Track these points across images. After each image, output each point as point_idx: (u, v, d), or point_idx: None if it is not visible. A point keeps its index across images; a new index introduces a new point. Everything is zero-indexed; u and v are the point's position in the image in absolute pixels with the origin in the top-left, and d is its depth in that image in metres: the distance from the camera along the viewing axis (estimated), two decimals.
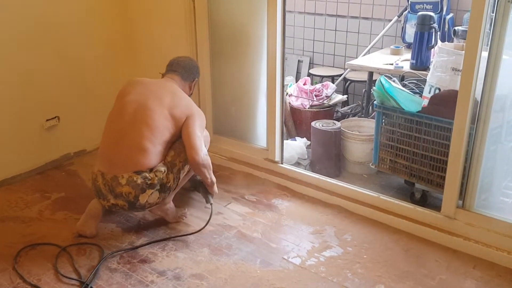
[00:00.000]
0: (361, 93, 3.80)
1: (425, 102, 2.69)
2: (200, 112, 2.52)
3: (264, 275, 2.19)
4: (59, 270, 2.21)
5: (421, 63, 3.23)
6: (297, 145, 3.35)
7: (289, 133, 3.69)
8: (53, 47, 3.09)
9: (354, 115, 3.86)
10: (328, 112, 3.66)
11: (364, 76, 3.74)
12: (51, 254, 2.33)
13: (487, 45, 2.14)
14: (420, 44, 3.21)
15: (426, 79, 2.87)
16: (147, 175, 2.30)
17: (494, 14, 2.08)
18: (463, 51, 2.20)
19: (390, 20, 4.03)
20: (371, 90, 3.40)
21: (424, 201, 2.70)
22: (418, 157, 2.66)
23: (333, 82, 4.15)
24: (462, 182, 2.35)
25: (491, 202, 2.41)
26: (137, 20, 3.43)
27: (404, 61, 3.40)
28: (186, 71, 2.64)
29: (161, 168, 2.34)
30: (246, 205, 2.78)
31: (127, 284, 2.13)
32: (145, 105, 2.38)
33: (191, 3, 3.08)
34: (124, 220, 2.62)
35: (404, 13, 3.90)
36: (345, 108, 4.01)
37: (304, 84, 3.77)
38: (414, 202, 2.65)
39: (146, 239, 2.45)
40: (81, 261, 2.28)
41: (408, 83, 3.07)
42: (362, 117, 3.58)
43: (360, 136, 3.16)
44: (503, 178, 2.47)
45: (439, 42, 3.23)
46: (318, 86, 3.74)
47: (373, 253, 2.34)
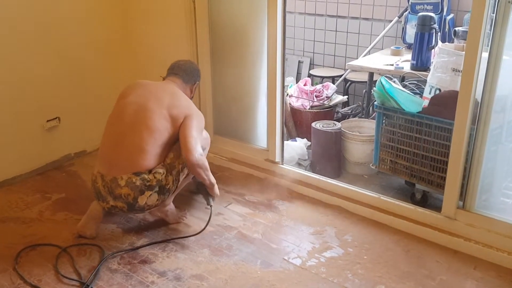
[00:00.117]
0: (362, 94, 3.80)
1: (426, 103, 2.69)
2: (199, 113, 2.50)
3: (265, 276, 2.19)
4: (60, 271, 2.21)
5: (422, 64, 3.23)
6: (298, 146, 3.35)
7: (290, 134, 3.69)
8: (54, 48, 3.10)
9: (355, 116, 3.85)
10: (329, 113, 3.66)
11: (365, 77, 3.74)
12: (52, 255, 2.33)
13: (488, 46, 2.14)
14: (421, 45, 3.21)
15: (427, 80, 2.87)
16: (146, 177, 2.30)
17: (495, 15, 2.08)
18: (464, 52, 2.19)
19: (391, 21, 4.03)
20: (372, 91, 3.40)
21: (425, 202, 2.70)
22: (419, 158, 2.66)
23: (334, 83, 4.15)
24: (463, 183, 2.35)
25: (492, 203, 2.40)
26: (138, 21, 3.43)
27: (405, 62, 3.40)
28: (187, 74, 2.64)
29: (160, 170, 2.33)
30: (247, 206, 2.78)
31: (128, 285, 2.13)
32: (145, 107, 2.38)
33: (192, 4, 3.08)
34: (125, 221, 2.62)
35: (405, 14, 3.91)
36: (346, 109, 4.01)
37: (305, 85, 3.77)
38: (415, 203, 2.64)
39: (147, 240, 2.45)
40: (82, 262, 2.28)
41: (409, 84, 3.07)
42: (363, 118, 3.58)
43: (361, 137, 3.16)
44: (504, 179, 2.47)
45: (440, 43, 3.23)
46: (319, 87, 3.74)
47: (374, 254, 2.34)
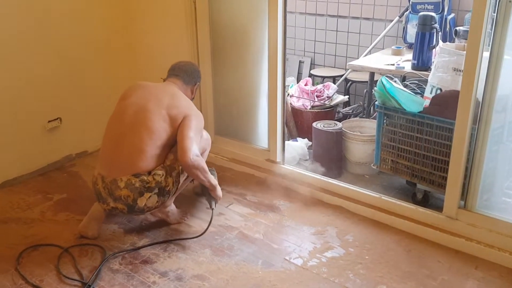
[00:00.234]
0: (363, 94, 3.80)
1: (427, 103, 2.69)
2: (199, 114, 2.48)
3: (266, 276, 2.19)
4: (61, 271, 2.21)
5: (423, 64, 3.22)
6: (299, 146, 3.35)
7: (291, 134, 3.69)
8: (54, 49, 3.10)
9: (356, 116, 3.85)
10: (330, 113, 3.66)
11: (366, 77, 3.74)
12: (53, 255, 2.33)
13: (489, 45, 2.14)
14: (422, 45, 3.21)
15: (428, 80, 2.86)
16: (145, 178, 2.29)
17: (496, 14, 2.07)
18: (465, 52, 2.19)
19: (391, 21, 4.02)
20: (373, 91, 3.41)
21: (426, 202, 2.69)
22: (420, 158, 2.66)
23: (335, 83, 4.15)
24: (464, 183, 2.35)
25: (493, 203, 2.40)
26: (138, 21, 3.44)
27: (406, 62, 3.40)
28: (188, 75, 2.63)
29: (159, 172, 2.33)
30: (248, 206, 2.78)
31: (129, 285, 2.14)
32: (145, 108, 2.37)
33: (192, 4, 3.08)
34: (126, 221, 2.62)
35: (405, 14, 3.90)
36: (347, 109, 4.01)
37: (306, 85, 3.77)
38: (416, 203, 2.64)
39: (148, 240, 2.46)
40: (83, 262, 2.29)
41: (410, 84, 3.07)
42: (364, 118, 3.58)
43: (362, 137, 3.16)
44: (505, 179, 2.47)
45: (441, 43, 3.23)
46: (320, 87, 3.74)
47: (375, 254, 2.34)
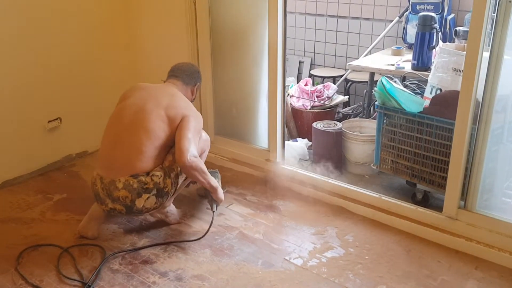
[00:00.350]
0: (363, 94, 3.80)
1: (427, 103, 2.69)
2: (197, 115, 2.47)
3: (266, 276, 2.19)
4: (61, 271, 2.21)
5: (423, 64, 3.23)
6: (299, 146, 3.35)
7: (290, 134, 3.69)
8: (55, 49, 3.10)
9: (356, 116, 3.85)
10: (330, 113, 3.66)
11: (366, 77, 3.75)
12: (53, 255, 2.33)
13: (489, 46, 2.14)
14: (421, 45, 3.21)
15: (428, 80, 2.87)
16: (143, 179, 2.29)
17: (496, 15, 2.08)
18: (465, 52, 2.19)
19: (391, 21, 4.03)
20: (373, 91, 3.41)
21: (426, 202, 2.69)
22: (420, 158, 2.66)
23: (334, 83, 4.15)
24: (464, 183, 2.35)
25: (493, 203, 2.40)
26: (139, 22, 3.44)
27: (406, 62, 3.41)
28: (188, 76, 2.63)
29: (157, 173, 2.32)
30: (248, 206, 2.78)
31: (129, 285, 2.14)
32: (143, 108, 2.37)
33: (192, 5, 3.09)
34: (126, 221, 2.62)
35: (405, 14, 3.91)
36: (347, 109, 4.01)
37: (305, 85, 3.77)
38: (416, 203, 2.64)
39: (148, 240, 2.46)
40: (83, 262, 2.29)
41: (410, 84, 3.07)
42: (364, 118, 3.58)
43: (362, 137, 3.16)
44: (505, 179, 2.47)
45: (440, 43, 3.23)
46: (319, 87, 3.74)
47: (375, 254, 2.34)
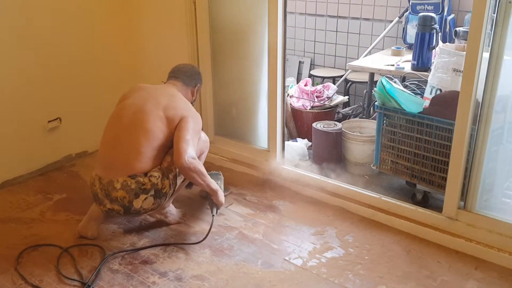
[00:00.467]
0: (362, 94, 3.80)
1: (426, 103, 2.69)
2: (196, 116, 2.46)
3: (266, 276, 2.19)
4: (61, 271, 2.21)
5: (422, 64, 3.23)
6: (298, 146, 3.35)
7: (290, 134, 3.69)
8: (55, 49, 3.10)
9: (355, 116, 3.85)
10: (329, 113, 3.66)
11: (365, 77, 3.74)
12: (53, 255, 2.33)
13: (488, 46, 2.14)
14: (421, 45, 3.21)
15: (427, 80, 2.87)
16: (141, 180, 2.28)
17: (495, 15, 2.08)
18: (464, 52, 2.19)
19: (391, 21, 4.03)
20: (372, 91, 3.41)
21: (426, 202, 2.69)
22: (420, 158, 2.66)
23: (334, 83, 4.15)
24: (464, 183, 2.35)
25: (493, 203, 2.40)
26: (139, 22, 3.44)
27: (405, 62, 3.40)
28: (188, 77, 2.63)
29: (155, 173, 2.31)
30: (248, 206, 2.78)
31: (129, 285, 2.14)
32: (142, 109, 2.37)
33: (192, 5, 3.09)
34: (126, 221, 2.62)
35: (405, 14, 3.91)
36: (346, 109, 4.01)
37: (305, 85, 3.77)
38: (416, 203, 2.64)
39: (148, 240, 2.46)
40: (83, 262, 2.29)
41: (409, 84, 3.07)
42: (363, 118, 3.58)
43: (361, 137, 3.16)
44: (505, 179, 2.47)
45: (440, 43, 3.23)
46: (319, 87, 3.74)
47: (375, 254, 2.34)
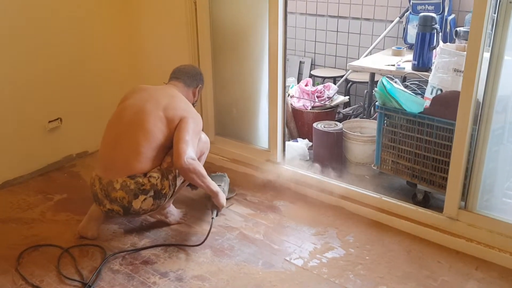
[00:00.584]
0: (363, 94, 3.80)
1: (427, 103, 2.69)
2: (196, 116, 2.45)
3: (266, 277, 2.19)
4: (62, 272, 2.22)
5: (423, 64, 3.23)
6: (299, 146, 3.35)
7: (291, 134, 3.69)
8: (55, 49, 3.10)
9: (356, 116, 3.85)
10: (330, 113, 3.66)
11: (366, 77, 3.74)
12: (54, 256, 2.33)
13: (489, 46, 2.14)
14: (422, 45, 3.21)
15: (428, 80, 2.87)
16: (140, 180, 2.28)
17: (496, 15, 2.07)
18: (465, 52, 2.19)
19: (392, 21, 4.03)
20: (373, 91, 3.41)
21: (426, 202, 2.69)
22: (420, 158, 2.66)
23: (335, 83, 4.15)
24: (465, 183, 2.35)
25: (494, 203, 2.40)
26: (139, 22, 3.44)
27: (406, 62, 3.40)
28: (189, 78, 2.62)
29: (155, 174, 2.31)
30: (248, 207, 2.78)
31: (129, 286, 2.14)
32: (143, 109, 2.37)
33: (193, 5, 3.09)
34: (126, 221, 2.62)
35: (406, 14, 3.91)
36: (347, 109, 4.01)
37: (306, 85, 3.77)
38: (416, 203, 2.64)
39: (148, 240, 2.46)
40: (84, 263, 2.29)
41: (410, 84, 3.07)
42: (364, 118, 3.58)
43: (362, 137, 3.16)
44: (506, 179, 2.47)
45: (441, 43, 3.22)
46: (320, 87, 3.74)
47: (375, 254, 2.34)
